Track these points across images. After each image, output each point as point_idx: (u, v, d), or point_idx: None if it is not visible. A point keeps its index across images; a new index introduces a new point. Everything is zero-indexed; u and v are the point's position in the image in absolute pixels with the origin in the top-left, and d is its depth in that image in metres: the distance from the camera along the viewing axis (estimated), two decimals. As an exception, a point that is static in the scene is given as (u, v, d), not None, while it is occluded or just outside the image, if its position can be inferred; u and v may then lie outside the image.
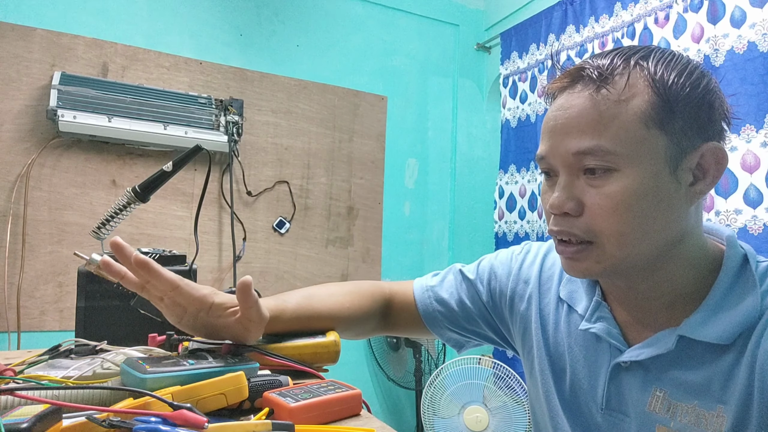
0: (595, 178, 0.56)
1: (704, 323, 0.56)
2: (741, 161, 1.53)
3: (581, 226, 0.57)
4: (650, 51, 0.58)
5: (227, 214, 2.26)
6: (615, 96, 0.55)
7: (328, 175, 2.49)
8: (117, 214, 0.96)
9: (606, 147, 0.55)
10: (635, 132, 0.54)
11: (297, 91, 2.42)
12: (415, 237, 2.71)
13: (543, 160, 0.61)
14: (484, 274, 0.82)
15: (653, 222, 0.56)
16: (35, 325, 1.92)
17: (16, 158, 1.92)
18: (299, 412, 0.51)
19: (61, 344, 0.75)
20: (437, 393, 2.16)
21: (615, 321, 0.65)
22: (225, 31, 2.29)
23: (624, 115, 0.55)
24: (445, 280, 0.84)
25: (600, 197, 0.56)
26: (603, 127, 0.55)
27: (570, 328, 0.70)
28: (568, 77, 0.59)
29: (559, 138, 0.58)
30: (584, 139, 0.56)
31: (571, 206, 0.57)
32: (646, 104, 0.55)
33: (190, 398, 0.48)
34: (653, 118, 0.54)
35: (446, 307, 0.82)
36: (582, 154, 0.56)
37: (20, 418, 0.40)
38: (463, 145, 2.83)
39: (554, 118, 0.59)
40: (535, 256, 0.79)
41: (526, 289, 0.77)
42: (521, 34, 2.49)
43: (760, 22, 1.51)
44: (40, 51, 1.96)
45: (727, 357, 0.55)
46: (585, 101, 0.56)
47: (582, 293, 0.70)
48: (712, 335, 0.56)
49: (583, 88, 0.57)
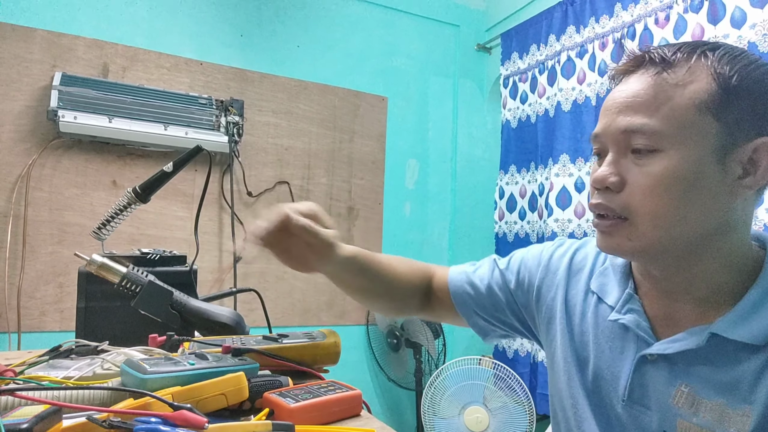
0: (641, 157, 0.57)
1: (738, 323, 0.57)
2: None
3: (619, 202, 0.59)
4: (718, 44, 0.59)
5: (227, 214, 2.26)
6: (674, 80, 0.57)
7: (328, 176, 2.49)
8: (117, 215, 0.96)
9: (654, 126, 0.56)
10: (686, 115, 0.56)
11: (297, 92, 2.42)
12: (416, 237, 2.71)
13: (596, 139, 0.63)
14: (515, 264, 0.84)
15: (691, 207, 0.56)
16: (35, 325, 1.92)
17: (17, 159, 1.92)
18: (299, 413, 0.51)
19: (62, 345, 0.75)
20: (437, 393, 2.16)
21: (645, 314, 0.65)
22: (225, 31, 2.29)
23: (679, 98, 0.56)
24: (480, 267, 0.87)
25: (642, 175, 0.57)
26: (655, 108, 0.57)
27: (597, 319, 0.71)
28: (633, 61, 0.61)
29: (613, 116, 0.60)
30: (635, 117, 0.57)
31: (613, 181, 0.59)
32: (703, 91, 0.55)
33: (191, 399, 0.48)
34: (708, 105, 0.55)
35: (476, 291, 0.84)
36: (630, 132, 0.58)
37: (20, 419, 0.40)
38: (463, 145, 2.83)
39: (612, 98, 0.61)
40: (567, 249, 0.80)
41: (555, 280, 0.78)
42: (522, 34, 2.49)
43: (760, 22, 1.51)
44: (41, 52, 1.96)
45: (758, 358, 0.56)
46: (643, 83, 0.58)
47: (614, 285, 0.70)
48: (745, 335, 0.56)
49: (644, 71, 0.59)
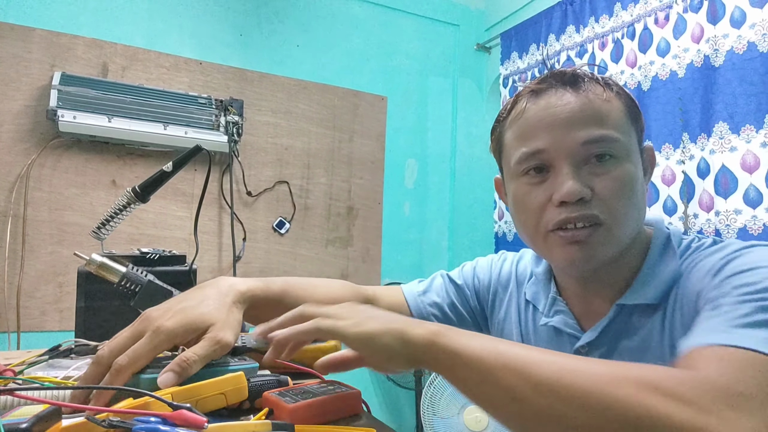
0: (602, 165, 0.61)
1: (637, 291, 0.64)
2: (741, 161, 1.53)
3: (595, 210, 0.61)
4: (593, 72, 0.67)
5: (227, 214, 2.26)
6: (601, 96, 0.63)
7: (327, 175, 2.49)
8: (117, 215, 0.96)
9: (613, 135, 0.61)
10: (624, 125, 0.63)
11: (297, 91, 2.42)
12: (415, 237, 2.71)
13: (537, 156, 0.63)
14: (469, 278, 0.86)
15: (641, 206, 0.64)
16: (35, 325, 1.92)
17: (16, 158, 1.92)
18: (298, 412, 0.51)
19: (61, 344, 0.75)
20: (437, 393, 2.16)
21: (572, 313, 0.71)
22: (225, 31, 2.29)
23: (615, 111, 0.63)
24: (433, 284, 0.86)
25: (609, 181, 0.61)
26: (605, 119, 0.62)
27: (535, 326, 0.75)
28: (547, 81, 0.65)
29: (563, 131, 0.62)
30: (592, 129, 0.61)
31: (587, 191, 0.61)
32: (622, 105, 0.64)
33: (190, 398, 0.48)
34: (629, 116, 0.64)
35: (440, 310, 0.83)
36: (591, 143, 0.61)
37: (20, 418, 0.40)
38: (462, 145, 2.83)
39: (550, 114, 0.63)
40: (511, 263, 0.84)
41: (505, 294, 0.82)
42: (521, 34, 2.49)
43: (760, 22, 1.51)
44: (40, 51, 1.96)
45: (657, 315, 0.62)
46: (580, 98, 0.63)
47: (541, 292, 0.75)
48: (640, 298, 0.63)
49: (565, 90, 0.64)
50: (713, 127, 1.60)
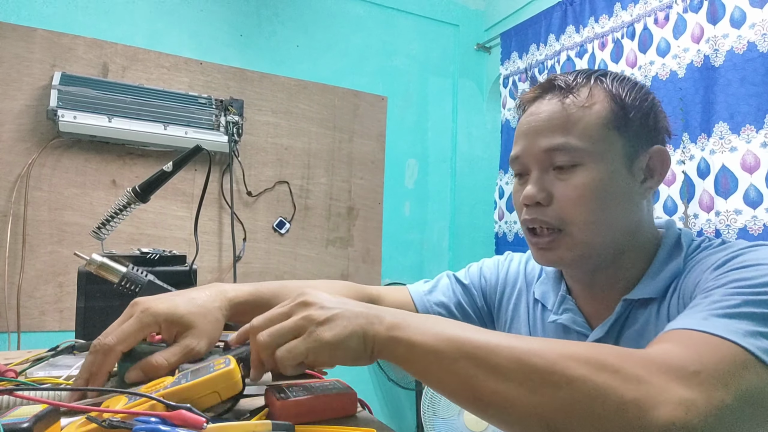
0: (564, 172, 0.64)
1: (642, 288, 0.66)
2: (741, 161, 1.53)
3: (551, 215, 0.65)
4: (607, 71, 0.69)
5: (227, 214, 2.26)
6: (580, 102, 0.65)
7: (328, 176, 2.49)
8: (117, 215, 0.96)
9: (573, 144, 0.63)
10: (598, 132, 0.64)
11: (297, 92, 2.42)
12: (416, 237, 2.71)
13: (516, 161, 0.69)
14: (476, 279, 0.87)
15: (615, 211, 0.64)
16: (35, 325, 1.92)
17: (17, 158, 1.92)
18: (288, 408, 0.50)
19: (61, 344, 0.75)
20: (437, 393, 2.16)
21: (580, 311, 0.72)
22: (225, 31, 2.29)
23: (588, 118, 0.64)
24: (439, 284, 0.87)
25: (568, 188, 0.64)
26: (570, 127, 0.64)
27: (544, 325, 0.76)
28: (539, 88, 0.69)
29: (532, 139, 0.66)
30: (554, 137, 0.64)
31: (542, 196, 0.65)
32: (606, 110, 0.64)
33: (183, 399, 0.48)
34: (612, 122, 0.64)
35: (446, 309, 0.84)
36: (552, 151, 0.64)
37: (19, 418, 0.40)
38: (463, 145, 2.83)
39: (527, 122, 0.68)
40: (519, 263, 0.86)
41: (513, 293, 0.83)
42: (521, 34, 2.49)
43: (760, 22, 1.51)
44: (41, 51, 1.96)
45: (655, 305, 0.64)
46: (554, 106, 0.66)
47: (551, 290, 0.76)
48: (645, 293, 0.65)
49: (552, 96, 0.67)
50: (713, 127, 1.60)
